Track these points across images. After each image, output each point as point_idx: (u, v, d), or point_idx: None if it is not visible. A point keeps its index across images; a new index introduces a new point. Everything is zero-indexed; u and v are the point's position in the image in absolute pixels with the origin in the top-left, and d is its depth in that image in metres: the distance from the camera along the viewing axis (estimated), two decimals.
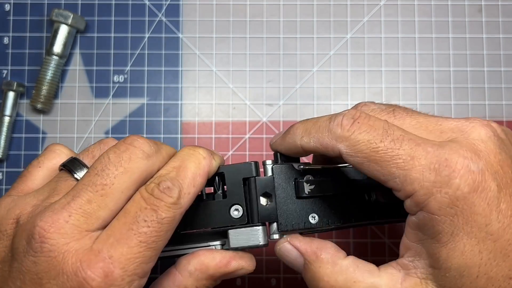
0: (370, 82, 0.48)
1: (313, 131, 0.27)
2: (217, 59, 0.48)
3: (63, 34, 0.46)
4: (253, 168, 0.29)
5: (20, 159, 0.47)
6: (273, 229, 0.29)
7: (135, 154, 0.26)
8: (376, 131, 0.25)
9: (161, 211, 0.25)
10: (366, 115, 0.26)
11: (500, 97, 0.47)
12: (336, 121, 0.26)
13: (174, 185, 0.26)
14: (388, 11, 0.48)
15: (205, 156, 0.28)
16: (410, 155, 0.24)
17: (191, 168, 0.27)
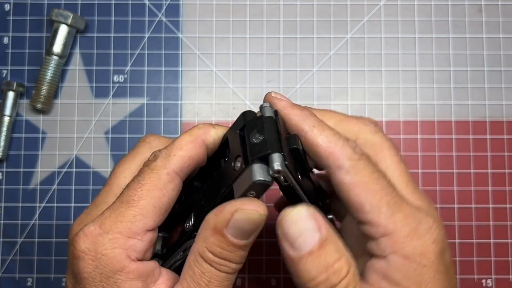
0: (370, 82, 0.47)
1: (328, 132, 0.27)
2: (217, 59, 0.48)
3: (63, 34, 0.46)
4: (246, 115, 0.28)
5: (20, 159, 0.47)
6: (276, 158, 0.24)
7: (139, 146, 0.31)
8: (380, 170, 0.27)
9: (143, 176, 0.27)
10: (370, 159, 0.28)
11: (500, 97, 0.47)
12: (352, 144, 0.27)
13: (161, 151, 0.28)
14: (388, 11, 0.48)
15: (200, 126, 0.29)
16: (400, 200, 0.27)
17: (183, 136, 0.28)
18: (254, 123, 0.26)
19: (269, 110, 0.27)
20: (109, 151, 0.47)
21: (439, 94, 0.47)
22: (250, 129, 0.26)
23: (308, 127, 0.27)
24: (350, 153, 0.26)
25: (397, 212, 0.26)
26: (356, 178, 0.26)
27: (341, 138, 0.27)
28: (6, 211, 0.46)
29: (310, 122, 0.27)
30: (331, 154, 0.27)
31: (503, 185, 0.46)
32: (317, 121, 0.28)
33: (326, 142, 0.27)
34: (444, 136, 0.47)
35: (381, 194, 0.26)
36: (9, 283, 0.46)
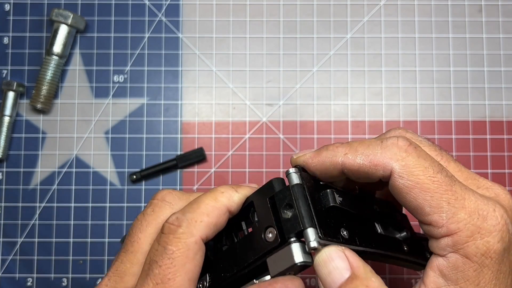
0: (370, 82, 0.47)
1: (361, 149, 0.26)
2: (217, 59, 0.48)
3: (63, 34, 0.46)
4: (274, 185, 0.27)
5: (20, 159, 0.47)
6: (311, 235, 0.24)
7: (157, 205, 0.28)
8: (433, 161, 0.25)
9: (171, 245, 0.25)
10: (420, 141, 0.26)
11: (500, 97, 0.47)
12: (391, 141, 0.25)
13: (184, 215, 0.26)
14: (388, 11, 0.48)
15: (223, 190, 0.27)
16: (461, 195, 0.24)
17: (204, 200, 0.27)
18: (283, 194, 0.26)
19: (295, 177, 0.26)
20: (109, 151, 0.47)
21: (439, 94, 0.47)
22: (280, 201, 0.26)
23: (341, 158, 0.26)
24: (395, 152, 0.25)
25: (460, 210, 0.24)
26: (410, 180, 0.24)
27: (377, 144, 0.25)
28: (6, 211, 0.46)
29: (340, 153, 0.26)
30: (376, 165, 0.25)
31: (503, 185, 0.46)
32: (346, 147, 0.26)
33: (365, 158, 0.25)
34: (444, 136, 0.47)
35: (440, 192, 0.24)
36: (9, 283, 0.46)
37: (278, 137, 0.47)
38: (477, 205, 0.24)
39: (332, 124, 0.47)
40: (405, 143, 0.25)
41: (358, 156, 0.26)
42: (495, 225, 0.24)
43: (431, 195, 0.24)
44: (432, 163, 0.25)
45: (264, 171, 0.47)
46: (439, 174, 0.24)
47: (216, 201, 0.27)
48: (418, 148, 0.25)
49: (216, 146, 0.47)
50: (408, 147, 0.25)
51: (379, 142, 0.26)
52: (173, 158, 0.46)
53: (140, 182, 0.47)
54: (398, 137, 0.25)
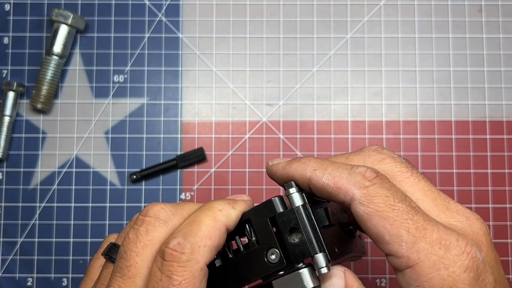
0: (370, 82, 0.48)
1: (330, 168, 0.26)
2: (217, 59, 0.48)
3: (63, 34, 0.46)
4: (275, 205, 0.26)
5: (20, 159, 0.47)
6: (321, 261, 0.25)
7: (151, 224, 0.26)
8: (397, 193, 0.25)
9: (176, 275, 0.24)
10: (389, 180, 0.25)
11: (500, 97, 0.47)
12: (359, 170, 0.25)
13: (186, 239, 0.24)
14: (388, 11, 0.48)
15: (221, 208, 0.26)
16: (423, 225, 0.24)
17: (204, 221, 0.25)
18: (288, 218, 0.26)
19: (298, 197, 0.26)
20: (109, 151, 0.47)
21: (439, 94, 0.47)
22: (285, 224, 0.26)
23: (310, 172, 0.26)
24: (359, 180, 0.25)
25: (420, 240, 0.23)
26: (370, 208, 0.24)
27: (346, 168, 0.25)
28: (6, 211, 0.46)
29: (310, 167, 0.26)
30: (339, 189, 0.25)
31: (503, 185, 0.46)
32: (318, 163, 0.26)
33: (331, 179, 0.25)
34: (444, 136, 0.47)
35: (399, 221, 0.24)
36: (9, 283, 0.46)
37: (278, 137, 0.47)
38: (440, 235, 0.23)
39: (332, 124, 0.47)
40: (372, 174, 0.25)
41: (325, 175, 0.26)
42: (459, 254, 0.23)
43: (390, 223, 0.24)
44: (394, 193, 0.24)
45: (264, 171, 0.47)
46: (400, 203, 0.24)
47: (216, 221, 0.25)
48: (383, 179, 0.25)
49: (216, 146, 0.47)
50: (374, 178, 0.25)
51: (348, 167, 0.25)
52: (173, 158, 0.46)
53: (140, 182, 0.47)
54: (367, 168, 0.25)
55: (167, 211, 0.26)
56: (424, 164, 0.47)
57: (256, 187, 0.46)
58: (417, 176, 0.26)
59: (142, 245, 0.25)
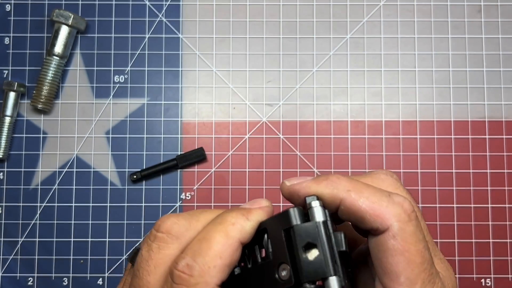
0: (370, 82, 0.48)
1: (367, 193, 0.24)
2: (217, 59, 0.48)
3: (64, 35, 0.46)
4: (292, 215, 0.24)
5: (21, 159, 0.47)
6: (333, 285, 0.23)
7: (163, 240, 0.24)
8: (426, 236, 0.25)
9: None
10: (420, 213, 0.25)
11: (499, 97, 0.47)
12: (398, 200, 0.24)
13: (195, 260, 0.23)
14: (387, 12, 0.48)
15: (234, 221, 0.24)
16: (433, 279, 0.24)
17: (216, 238, 0.24)
18: (306, 232, 0.23)
19: (320, 212, 0.24)
20: (110, 151, 0.47)
21: (438, 94, 0.47)
22: (301, 238, 0.23)
23: (343, 193, 0.24)
24: (400, 212, 0.23)
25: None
26: (401, 245, 0.23)
27: (385, 195, 0.24)
28: (7, 211, 0.46)
29: (343, 187, 0.24)
30: (378, 216, 0.23)
31: (502, 185, 0.46)
32: (351, 183, 0.24)
33: (369, 204, 0.24)
34: (443, 136, 0.47)
35: (420, 269, 0.23)
36: (10, 283, 0.46)
37: (278, 137, 0.47)
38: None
39: (332, 124, 0.47)
40: (410, 208, 0.24)
41: (361, 199, 0.24)
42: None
43: (412, 269, 0.23)
44: (424, 238, 0.24)
45: (264, 171, 0.47)
46: (426, 252, 0.24)
47: (228, 237, 0.24)
48: (417, 219, 0.24)
49: (216, 146, 0.47)
50: (411, 213, 0.24)
51: (386, 194, 0.24)
52: (174, 158, 0.47)
53: (141, 182, 0.47)
54: (405, 199, 0.24)
55: (180, 226, 0.24)
56: (423, 164, 0.47)
57: (256, 187, 0.47)
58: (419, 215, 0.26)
59: (154, 264, 0.24)
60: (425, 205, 0.47)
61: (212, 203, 0.47)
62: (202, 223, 0.25)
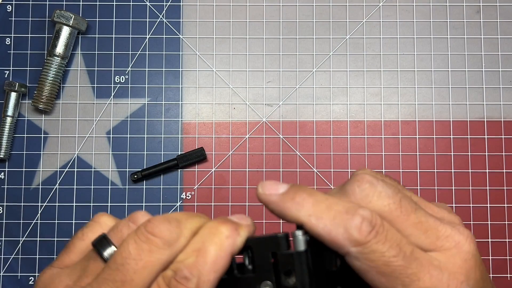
0: (369, 82, 0.48)
1: (326, 218, 0.25)
2: (217, 59, 0.48)
3: (65, 35, 0.47)
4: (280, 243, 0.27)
5: (22, 159, 0.47)
6: None
7: (156, 244, 0.25)
8: (392, 244, 0.25)
9: None
10: (382, 225, 0.26)
11: (498, 98, 0.48)
12: (355, 223, 0.25)
13: (192, 273, 0.24)
14: (386, 12, 0.49)
15: (228, 234, 0.26)
16: (416, 276, 0.25)
17: (211, 251, 0.25)
18: (286, 260, 0.26)
19: (300, 243, 0.26)
20: (110, 151, 0.47)
21: (437, 95, 0.48)
22: (283, 264, 0.26)
23: (304, 218, 0.26)
24: (356, 237, 0.25)
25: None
26: (365, 264, 0.25)
27: (341, 220, 0.25)
28: (9, 210, 0.47)
29: (304, 211, 0.26)
30: (336, 243, 0.25)
31: (501, 184, 0.47)
32: (312, 206, 0.26)
33: (327, 231, 0.25)
34: (442, 136, 0.47)
35: (395, 276, 0.25)
36: (11, 282, 0.46)
37: (278, 137, 0.47)
38: (432, 282, 0.25)
39: (331, 124, 0.47)
40: (368, 228, 0.25)
41: (320, 225, 0.25)
42: None
43: (386, 279, 0.25)
44: (389, 247, 0.25)
45: (264, 171, 0.47)
46: (394, 258, 0.25)
47: (222, 251, 0.25)
48: (379, 232, 0.25)
49: (216, 146, 0.47)
50: (369, 233, 0.25)
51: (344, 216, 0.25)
52: (174, 158, 0.47)
53: (141, 182, 0.47)
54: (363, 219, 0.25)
55: (172, 233, 0.25)
56: (422, 164, 0.47)
57: (256, 187, 0.47)
58: (405, 209, 0.27)
59: (142, 265, 0.24)
60: None
61: (212, 203, 0.47)
62: (190, 231, 0.26)
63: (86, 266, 0.26)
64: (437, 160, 0.47)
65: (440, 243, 0.26)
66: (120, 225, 0.28)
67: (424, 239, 0.26)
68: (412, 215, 0.27)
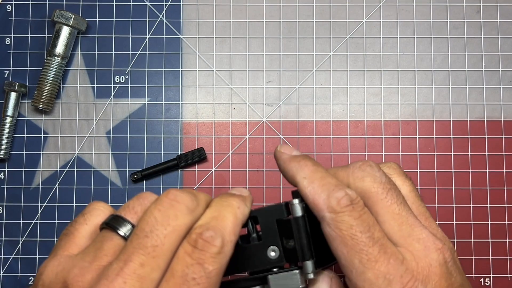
0: (369, 82, 0.48)
1: (317, 183, 0.28)
2: (217, 59, 0.48)
3: (65, 35, 0.47)
4: (283, 210, 0.29)
5: (21, 159, 0.47)
6: (308, 268, 0.28)
7: (180, 210, 0.26)
8: (362, 223, 0.27)
9: (208, 264, 0.25)
10: (362, 206, 0.27)
11: (498, 98, 0.47)
12: (338, 194, 0.27)
13: (216, 233, 0.25)
14: (387, 12, 0.49)
15: (238, 206, 0.28)
16: (375, 258, 0.26)
17: (229, 217, 0.27)
18: (287, 226, 0.29)
19: (298, 209, 0.29)
20: (110, 151, 0.47)
21: (437, 95, 0.48)
22: (284, 230, 0.29)
23: (299, 178, 0.28)
24: (333, 205, 0.27)
25: (368, 271, 0.26)
26: (334, 232, 0.27)
27: (327, 189, 0.27)
28: (8, 211, 0.47)
29: (302, 173, 0.29)
30: (315, 205, 0.27)
31: (501, 184, 0.47)
32: (310, 171, 0.28)
33: (312, 193, 0.28)
34: (442, 136, 0.47)
35: (355, 250, 0.26)
36: (11, 282, 0.46)
37: (278, 137, 0.47)
38: (387, 268, 0.26)
39: (332, 124, 0.47)
40: (346, 202, 0.27)
41: (309, 188, 0.28)
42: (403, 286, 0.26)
43: (347, 251, 0.26)
44: (360, 223, 0.27)
45: (264, 171, 0.47)
46: (360, 234, 0.26)
47: (236, 218, 0.27)
48: (355, 208, 0.27)
49: (216, 146, 0.47)
50: (346, 206, 0.27)
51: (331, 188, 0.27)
52: (174, 158, 0.47)
53: (141, 182, 0.47)
54: (345, 195, 0.27)
55: (193, 201, 0.27)
56: (422, 164, 0.47)
57: (256, 187, 0.47)
58: (391, 198, 0.28)
59: (171, 229, 0.25)
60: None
61: None
62: (205, 202, 0.28)
63: (100, 247, 0.26)
64: (437, 160, 0.47)
65: (410, 241, 0.28)
66: (131, 204, 0.28)
67: (397, 231, 0.28)
68: (395, 206, 0.28)
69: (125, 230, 0.27)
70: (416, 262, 0.27)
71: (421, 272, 0.27)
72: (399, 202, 0.29)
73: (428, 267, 0.27)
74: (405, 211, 0.28)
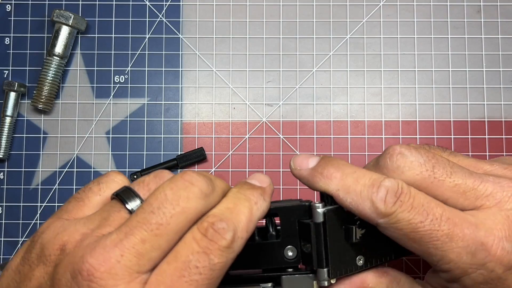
0: (369, 82, 0.48)
1: (353, 192, 0.27)
2: (217, 59, 0.48)
3: (64, 35, 0.46)
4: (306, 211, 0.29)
5: (21, 159, 0.47)
6: (322, 275, 0.28)
7: (193, 193, 0.25)
8: (418, 211, 0.26)
9: (214, 256, 0.23)
10: (408, 192, 0.26)
11: (498, 97, 0.47)
12: (380, 196, 0.26)
13: (229, 226, 0.24)
14: (387, 12, 0.48)
15: (256, 201, 0.26)
16: (448, 236, 0.25)
17: (244, 212, 0.25)
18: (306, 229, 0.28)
19: (318, 215, 0.28)
20: (110, 151, 0.47)
21: (438, 94, 0.48)
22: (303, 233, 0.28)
23: (333, 192, 0.27)
24: (381, 209, 0.26)
25: (448, 254, 0.25)
26: (395, 233, 0.26)
27: (367, 194, 0.26)
28: (8, 211, 0.47)
29: (333, 186, 0.27)
30: (364, 217, 0.26)
31: None
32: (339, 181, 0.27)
33: (354, 205, 0.26)
34: (442, 136, 0.47)
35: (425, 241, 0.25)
36: None
37: (278, 137, 0.47)
38: (465, 242, 0.25)
39: (332, 124, 0.47)
40: (392, 199, 0.26)
41: (348, 200, 0.27)
42: (485, 257, 0.25)
43: (418, 244, 0.26)
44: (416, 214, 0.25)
45: (264, 171, 0.47)
46: (421, 224, 0.25)
47: (252, 215, 0.26)
48: (404, 201, 0.26)
49: (216, 146, 0.47)
50: (394, 204, 0.26)
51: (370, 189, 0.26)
52: (174, 158, 0.47)
53: None
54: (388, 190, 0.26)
55: (209, 186, 0.25)
56: None
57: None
58: (440, 174, 0.27)
59: (180, 210, 0.24)
60: None
61: None
62: (221, 190, 0.26)
63: (106, 217, 0.26)
64: None
65: (479, 203, 0.26)
66: (146, 179, 0.27)
67: (463, 201, 0.26)
68: (447, 179, 0.27)
69: (133, 205, 0.26)
70: (493, 219, 0.26)
71: (502, 228, 0.25)
72: (449, 172, 0.27)
73: (506, 220, 0.26)
74: (460, 178, 0.27)
